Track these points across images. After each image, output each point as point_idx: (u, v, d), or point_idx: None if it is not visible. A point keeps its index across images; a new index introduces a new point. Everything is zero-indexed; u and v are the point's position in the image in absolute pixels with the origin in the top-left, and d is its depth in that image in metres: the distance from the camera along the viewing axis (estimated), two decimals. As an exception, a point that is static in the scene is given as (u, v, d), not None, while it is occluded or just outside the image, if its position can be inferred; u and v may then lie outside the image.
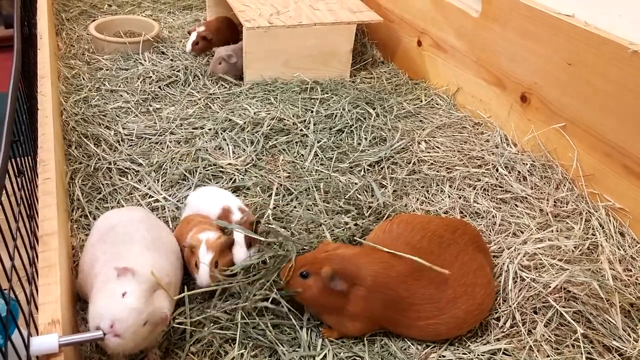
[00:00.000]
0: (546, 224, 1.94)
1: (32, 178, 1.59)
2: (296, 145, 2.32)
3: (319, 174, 2.14)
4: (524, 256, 1.76)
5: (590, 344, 1.53)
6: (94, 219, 1.85)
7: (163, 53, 3.06)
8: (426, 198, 2.08)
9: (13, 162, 1.34)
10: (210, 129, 2.37)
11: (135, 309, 1.24)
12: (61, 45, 3.17)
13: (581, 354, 1.49)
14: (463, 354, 1.51)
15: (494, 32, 2.42)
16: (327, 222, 1.85)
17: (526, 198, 2.06)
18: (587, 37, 1.97)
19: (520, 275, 1.69)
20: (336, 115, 2.51)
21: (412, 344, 1.54)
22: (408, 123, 2.54)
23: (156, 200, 1.99)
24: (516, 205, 2.04)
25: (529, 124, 2.31)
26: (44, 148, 1.76)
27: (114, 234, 1.51)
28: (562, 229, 1.91)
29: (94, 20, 3.31)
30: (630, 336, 1.54)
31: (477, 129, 2.52)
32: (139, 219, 1.59)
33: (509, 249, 1.81)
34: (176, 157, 2.19)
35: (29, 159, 1.62)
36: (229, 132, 2.36)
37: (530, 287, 1.65)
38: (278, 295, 1.54)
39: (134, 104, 2.57)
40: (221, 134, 2.34)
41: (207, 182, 2.07)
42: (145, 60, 2.94)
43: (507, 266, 1.73)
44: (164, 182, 2.07)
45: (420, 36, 2.94)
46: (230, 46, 2.85)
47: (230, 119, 2.43)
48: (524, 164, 2.21)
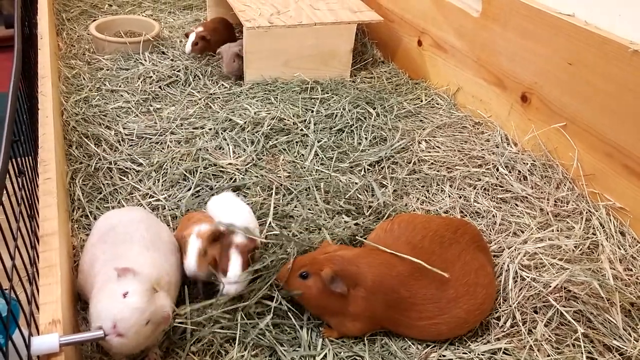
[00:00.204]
0: (546, 223, 1.94)
1: (32, 178, 1.59)
2: (296, 145, 2.32)
3: (319, 173, 2.14)
4: (524, 256, 1.76)
5: (590, 343, 1.53)
6: (95, 218, 1.85)
7: (163, 53, 3.06)
8: (426, 198, 2.08)
9: (14, 162, 1.34)
10: (210, 129, 2.37)
11: (137, 308, 1.24)
12: (62, 45, 3.17)
13: (582, 353, 1.49)
14: (463, 353, 1.51)
15: (494, 32, 2.42)
16: (328, 222, 1.85)
17: (526, 197, 2.06)
18: (588, 37, 1.97)
19: (521, 274, 1.69)
20: (336, 115, 2.51)
21: (413, 343, 1.54)
22: (408, 123, 2.54)
23: (157, 200, 1.99)
24: (516, 204, 2.04)
25: (529, 124, 2.31)
26: (45, 148, 1.76)
27: (114, 234, 1.51)
28: (562, 228, 1.91)
29: (94, 20, 3.31)
30: (630, 336, 1.54)
31: (478, 128, 2.52)
32: (138, 219, 1.59)
33: (509, 248, 1.81)
34: (176, 157, 2.19)
35: (30, 158, 1.62)
36: (230, 132, 2.36)
37: (531, 287, 1.65)
38: (279, 295, 1.54)
39: (135, 103, 2.57)
40: (221, 133, 2.34)
41: (207, 182, 2.07)
42: (145, 60, 2.94)
43: (508, 266, 1.73)
44: (164, 182, 2.07)
45: (420, 36, 2.94)
46: (237, 42, 2.85)
47: (230, 119, 2.43)
48: (524, 163, 2.21)
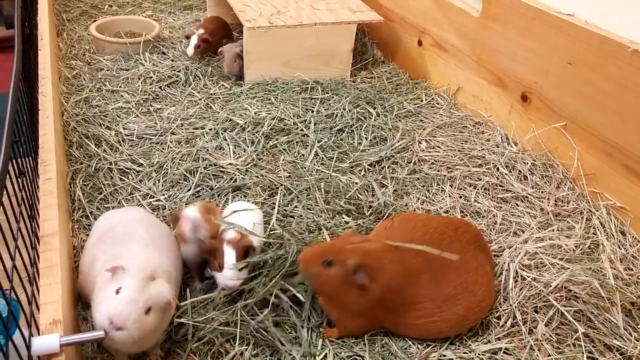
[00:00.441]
0: (547, 223, 1.94)
1: (33, 178, 1.59)
2: (297, 145, 2.32)
3: (320, 173, 2.14)
4: (524, 255, 1.76)
5: (591, 343, 1.53)
6: (95, 219, 1.85)
7: (164, 53, 3.06)
8: (427, 197, 2.08)
9: (14, 162, 1.35)
10: (210, 129, 2.37)
11: (129, 300, 1.24)
12: (62, 46, 3.17)
13: (582, 353, 1.49)
14: (464, 353, 1.51)
15: (495, 32, 2.42)
16: (328, 222, 1.86)
17: (527, 197, 2.05)
18: (588, 36, 1.97)
19: (521, 274, 1.69)
20: (337, 115, 2.51)
21: (413, 343, 1.54)
22: (409, 122, 2.54)
23: (157, 200, 1.99)
24: (517, 204, 2.04)
25: (529, 123, 2.31)
26: (45, 148, 1.76)
27: (114, 234, 1.51)
28: (562, 228, 1.91)
29: (94, 21, 3.31)
30: (631, 335, 1.54)
31: (478, 128, 2.52)
32: (138, 218, 1.59)
33: (509, 248, 1.81)
34: (177, 157, 2.19)
35: (30, 159, 1.62)
36: (230, 132, 2.36)
37: (531, 287, 1.65)
38: (280, 295, 1.54)
39: (135, 104, 2.57)
40: (222, 134, 2.34)
41: (207, 182, 2.07)
42: (145, 61, 2.94)
43: (508, 265, 1.73)
44: (164, 182, 2.08)
45: (420, 36, 2.94)
46: (238, 43, 2.85)
47: (230, 119, 2.43)
48: (524, 163, 2.21)
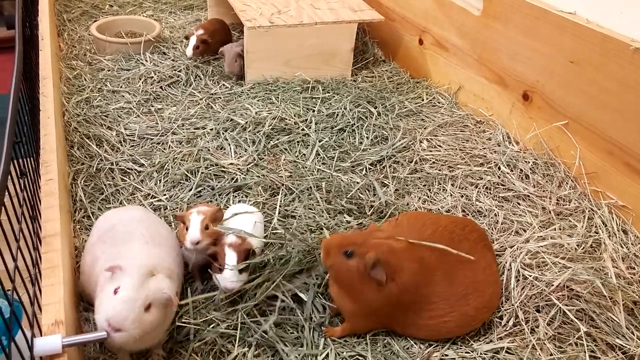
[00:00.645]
0: (549, 222, 1.93)
1: (34, 179, 1.59)
2: (298, 145, 2.32)
3: (321, 173, 2.14)
4: (526, 254, 1.76)
5: (593, 342, 1.53)
6: (97, 219, 1.85)
7: (164, 53, 3.06)
8: (428, 197, 2.07)
9: (15, 163, 1.35)
10: (212, 129, 2.37)
11: (126, 300, 1.24)
12: (63, 46, 3.18)
13: (584, 352, 1.49)
14: (466, 352, 1.51)
15: (496, 31, 2.42)
16: (329, 221, 1.86)
17: (528, 196, 2.05)
18: (589, 35, 1.97)
19: (523, 273, 1.69)
20: (338, 115, 2.51)
21: (415, 343, 1.54)
22: (410, 122, 2.54)
23: (158, 200, 1.99)
24: (518, 203, 2.03)
25: (531, 122, 2.31)
26: (46, 149, 1.76)
27: (114, 233, 1.51)
28: (564, 227, 1.90)
29: (95, 21, 3.31)
30: (633, 334, 1.54)
31: (479, 127, 2.52)
32: (138, 217, 1.59)
33: (511, 247, 1.81)
34: (178, 157, 2.19)
35: (31, 160, 1.62)
36: (231, 132, 2.36)
37: (533, 286, 1.65)
38: (282, 294, 1.55)
39: (136, 104, 2.57)
40: (223, 134, 2.34)
41: (209, 182, 2.07)
42: (146, 61, 2.94)
43: (510, 265, 1.72)
44: (165, 182, 2.08)
45: (421, 35, 2.94)
46: (239, 42, 2.85)
47: (231, 119, 2.43)
48: (526, 162, 2.21)
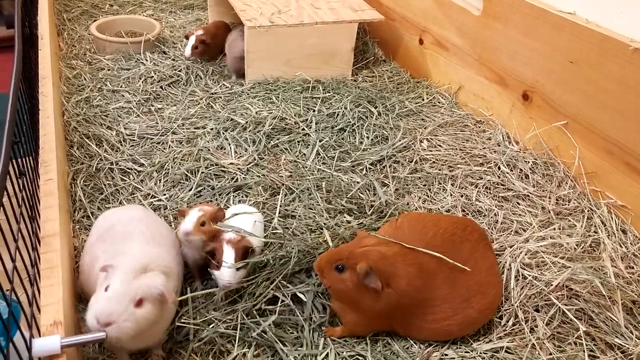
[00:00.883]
0: (548, 221, 1.93)
1: (33, 179, 1.59)
2: (298, 145, 2.32)
3: (321, 173, 2.13)
4: (526, 254, 1.76)
5: (592, 341, 1.53)
6: (96, 219, 1.85)
7: (164, 53, 3.06)
8: (428, 196, 2.07)
9: (14, 163, 1.35)
10: (212, 129, 2.37)
11: (113, 296, 1.24)
12: (62, 46, 3.18)
13: (584, 351, 1.49)
14: (465, 352, 1.51)
15: (496, 31, 2.42)
16: (329, 221, 1.86)
17: (528, 196, 2.05)
18: (589, 35, 1.97)
19: (522, 273, 1.69)
20: (338, 114, 2.51)
21: (415, 342, 1.54)
22: (410, 121, 2.54)
23: (158, 200, 1.99)
24: (518, 203, 2.03)
25: (530, 122, 2.31)
26: (46, 149, 1.77)
27: (114, 232, 1.51)
28: (564, 226, 1.90)
29: (95, 20, 3.31)
30: (632, 334, 1.54)
31: (479, 127, 2.52)
32: (138, 217, 1.59)
33: (511, 247, 1.81)
34: (178, 157, 2.19)
35: (31, 159, 1.62)
36: (231, 131, 2.36)
37: (533, 285, 1.65)
38: (282, 294, 1.55)
39: (136, 104, 2.57)
40: (223, 133, 2.34)
41: (209, 182, 2.07)
42: (146, 60, 2.94)
43: (509, 264, 1.72)
44: (165, 182, 2.08)
45: (421, 34, 2.94)
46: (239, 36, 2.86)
47: (232, 119, 2.43)
48: (525, 162, 2.21)
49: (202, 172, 2.10)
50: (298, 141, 2.33)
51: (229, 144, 2.27)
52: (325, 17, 2.78)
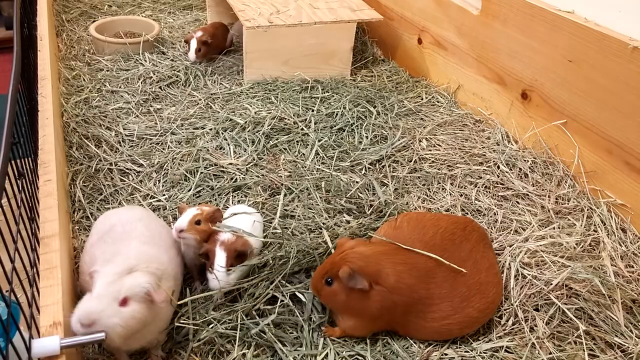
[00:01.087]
0: (548, 220, 1.93)
1: (32, 180, 1.59)
2: (297, 145, 2.31)
3: (320, 172, 2.13)
4: (525, 253, 1.76)
5: (592, 340, 1.53)
6: (96, 220, 1.85)
7: (163, 53, 3.07)
8: (427, 196, 2.07)
9: (13, 164, 1.34)
10: (211, 129, 2.37)
11: (93, 297, 1.23)
12: (61, 47, 3.18)
13: (583, 350, 1.49)
14: (465, 351, 1.51)
15: (495, 30, 2.42)
16: (329, 221, 1.86)
17: (527, 195, 2.05)
18: (588, 34, 1.97)
19: (522, 272, 1.69)
20: (337, 114, 2.51)
21: (414, 342, 1.54)
22: (409, 121, 2.54)
23: (158, 201, 1.99)
24: (517, 202, 2.03)
25: (530, 121, 2.31)
26: (45, 149, 1.76)
27: (113, 233, 1.51)
28: (563, 225, 1.90)
29: (94, 21, 3.31)
30: (632, 332, 1.54)
31: (478, 126, 2.52)
32: (137, 217, 1.59)
33: (510, 246, 1.81)
34: (177, 157, 2.19)
35: (30, 160, 1.62)
36: (230, 131, 2.36)
37: (532, 285, 1.65)
38: (281, 295, 1.55)
39: (135, 104, 2.57)
40: (222, 133, 2.34)
41: (208, 182, 2.07)
42: (145, 61, 2.94)
43: (509, 264, 1.72)
44: (165, 182, 2.08)
45: (420, 34, 2.94)
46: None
47: (231, 119, 2.43)
48: (525, 161, 2.21)
49: (201, 173, 2.10)
50: (297, 141, 2.33)
51: (228, 144, 2.27)
52: (323, 17, 2.78)
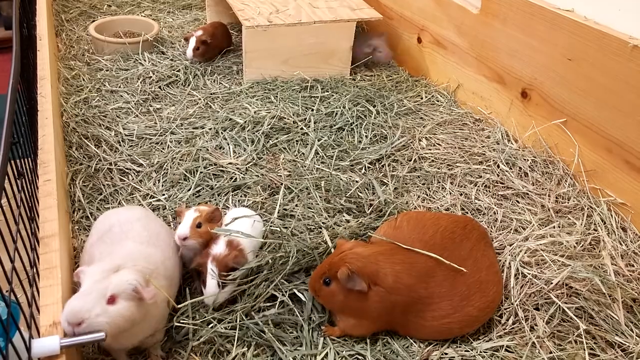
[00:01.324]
0: (548, 220, 1.93)
1: (32, 180, 1.59)
2: (297, 144, 2.31)
3: (320, 172, 2.13)
4: (525, 253, 1.76)
5: (592, 339, 1.53)
6: (95, 219, 1.85)
7: (163, 53, 3.06)
8: (427, 195, 2.07)
9: (13, 164, 1.34)
10: (210, 129, 2.37)
11: (78, 296, 1.22)
12: (61, 47, 3.17)
13: (584, 349, 1.49)
14: (465, 351, 1.51)
15: (494, 29, 2.41)
16: (328, 220, 1.85)
17: (527, 194, 2.05)
18: (587, 32, 1.97)
19: (522, 271, 1.69)
20: (336, 113, 2.50)
21: (414, 342, 1.54)
22: (408, 120, 2.53)
23: (157, 200, 1.99)
24: (517, 201, 2.03)
25: (529, 120, 2.31)
26: (44, 149, 1.76)
27: (111, 234, 1.51)
28: (563, 224, 1.90)
29: (93, 21, 3.31)
30: (632, 331, 1.54)
31: (478, 125, 2.51)
32: (136, 218, 1.59)
33: (510, 245, 1.81)
34: (177, 157, 2.19)
35: (29, 160, 1.62)
36: (230, 131, 2.35)
37: (532, 284, 1.65)
38: (281, 294, 1.54)
39: (134, 104, 2.57)
40: (222, 133, 2.34)
41: (207, 181, 2.07)
42: (145, 61, 2.94)
43: (509, 263, 1.72)
44: (164, 182, 2.07)
45: (420, 33, 2.94)
46: None
47: (230, 118, 2.43)
48: (525, 160, 2.21)
49: (201, 172, 2.10)
50: (297, 140, 2.33)
51: (228, 144, 2.27)
52: (323, 16, 2.77)
